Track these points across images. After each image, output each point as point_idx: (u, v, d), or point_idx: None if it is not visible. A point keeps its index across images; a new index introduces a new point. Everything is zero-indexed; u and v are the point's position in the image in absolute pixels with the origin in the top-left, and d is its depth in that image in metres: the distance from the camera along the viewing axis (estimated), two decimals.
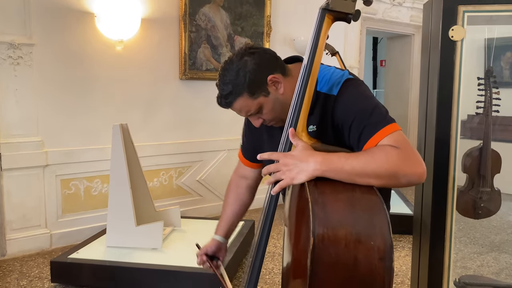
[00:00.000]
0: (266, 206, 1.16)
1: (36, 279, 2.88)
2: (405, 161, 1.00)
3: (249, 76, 1.15)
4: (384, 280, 0.92)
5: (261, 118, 1.23)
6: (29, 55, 3.23)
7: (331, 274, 0.92)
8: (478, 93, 2.10)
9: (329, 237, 0.92)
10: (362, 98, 1.13)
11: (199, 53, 4.06)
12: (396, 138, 1.04)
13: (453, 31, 1.92)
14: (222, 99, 1.20)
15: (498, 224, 4.12)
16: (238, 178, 1.59)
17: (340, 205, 0.98)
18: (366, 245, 0.92)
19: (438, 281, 2.09)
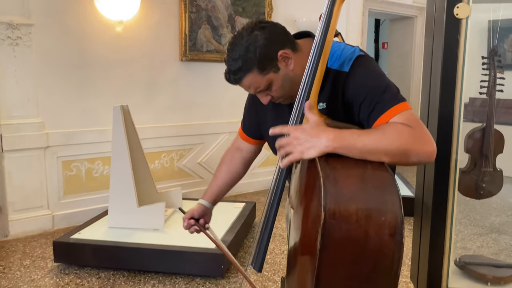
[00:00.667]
0: (275, 181, 1.15)
1: (39, 259, 2.91)
2: (416, 139, 1.00)
3: (260, 52, 1.12)
4: (394, 256, 0.92)
5: (270, 95, 1.21)
6: (28, 36, 3.20)
7: (341, 249, 0.92)
8: (482, 73, 2.07)
9: (340, 212, 0.91)
10: (374, 76, 1.12)
11: (199, 34, 4.02)
12: (407, 117, 1.03)
13: (458, 8, 1.89)
14: (231, 75, 1.17)
15: (499, 206, 4.13)
16: (234, 150, 1.58)
17: (352, 181, 0.97)
18: (377, 220, 0.92)
19: (438, 261, 2.10)
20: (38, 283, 2.58)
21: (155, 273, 2.68)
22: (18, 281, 2.60)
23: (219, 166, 1.59)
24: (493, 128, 2.10)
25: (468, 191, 2.19)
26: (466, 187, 2.19)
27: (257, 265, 1.20)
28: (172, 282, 2.59)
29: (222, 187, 1.56)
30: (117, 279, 2.62)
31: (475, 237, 3.42)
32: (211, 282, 2.59)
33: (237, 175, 1.58)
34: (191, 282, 2.59)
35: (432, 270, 2.11)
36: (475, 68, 2.28)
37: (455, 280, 2.14)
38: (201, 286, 2.54)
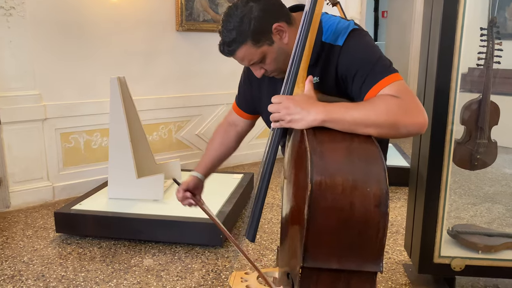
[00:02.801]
0: (267, 152, 1.17)
1: (41, 229, 2.96)
2: (405, 111, 1.00)
3: (254, 23, 1.12)
4: (379, 226, 0.95)
5: (263, 68, 1.22)
6: (22, 6, 3.14)
7: (327, 219, 0.95)
8: (480, 44, 2.06)
9: (326, 183, 0.94)
10: (367, 49, 1.12)
11: (195, 3, 3.95)
12: (398, 88, 1.03)
13: None
14: (225, 46, 1.17)
15: (493, 176, 4.18)
16: (227, 124, 1.59)
17: (338, 153, 0.99)
18: (362, 191, 0.95)
19: (431, 230, 2.15)
20: (41, 252, 2.64)
21: (155, 243, 2.74)
22: (22, 250, 2.67)
23: (212, 139, 1.60)
24: (489, 100, 2.11)
25: (463, 162, 2.22)
26: (461, 158, 2.22)
27: (250, 235, 1.24)
28: (172, 251, 2.65)
29: (215, 161, 1.58)
30: (118, 249, 2.68)
31: (469, 206, 3.48)
32: (210, 251, 2.66)
33: (230, 149, 1.60)
34: (191, 251, 2.65)
35: (425, 239, 2.16)
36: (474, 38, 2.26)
37: (447, 249, 2.20)
38: (200, 255, 2.61)
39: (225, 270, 2.44)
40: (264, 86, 1.37)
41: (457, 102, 2.00)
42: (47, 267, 2.47)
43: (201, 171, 1.55)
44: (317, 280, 1.03)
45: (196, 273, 2.41)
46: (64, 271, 2.43)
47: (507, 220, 3.22)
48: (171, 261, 2.54)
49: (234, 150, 1.62)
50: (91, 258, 2.56)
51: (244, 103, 1.51)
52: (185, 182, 1.51)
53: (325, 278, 1.03)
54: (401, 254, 2.64)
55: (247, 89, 1.46)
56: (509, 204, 3.47)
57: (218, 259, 2.57)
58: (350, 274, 1.02)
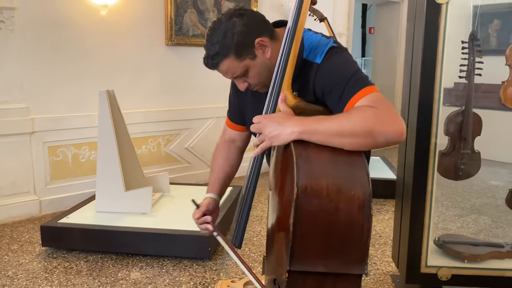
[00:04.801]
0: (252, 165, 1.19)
1: (27, 243, 2.92)
2: (381, 119, 1.01)
3: (237, 38, 1.15)
4: (363, 228, 0.98)
5: (247, 82, 1.24)
6: (11, 19, 3.15)
7: (313, 222, 0.97)
8: (462, 57, 2.12)
9: (312, 187, 0.96)
10: (343, 65, 1.14)
11: (185, 18, 4.00)
12: (373, 98, 1.05)
13: None
14: (209, 59, 1.19)
15: (480, 189, 4.24)
16: (225, 142, 1.57)
17: (323, 158, 1.02)
18: (346, 194, 0.97)
19: (418, 240, 2.17)
20: (26, 267, 2.60)
21: (143, 256, 2.72)
22: (6, 265, 2.62)
23: (214, 160, 1.57)
24: (471, 111, 2.15)
25: (447, 172, 2.26)
26: (446, 168, 2.26)
27: (237, 241, 1.24)
28: (160, 265, 2.63)
29: (225, 179, 1.54)
30: (105, 262, 2.65)
31: (456, 218, 3.52)
32: (198, 264, 2.64)
33: (234, 165, 1.57)
34: (179, 264, 2.63)
35: (412, 249, 2.18)
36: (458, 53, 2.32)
37: (434, 259, 2.21)
38: (188, 268, 2.59)
39: (213, 283, 2.42)
40: (248, 98, 1.39)
41: (440, 115, 2.05)
42: (32, 281, 2.43)
43: (215, 192, 1.51)
44: (303, 284, 1.04)
45: (184, 286, 2.40)
46: (49, 285, 2.39)
47: (493, 231, 3.26)
48: (158, 274, 2.52)
49: (239, 165, 1.59)
50: (78, 272, 2.53)
51: (235, 116, 1.52)
52: (204, 204, 1.46)
53: (311, 282, 1.04)
54: (389, 265, 2.65)
55: (235, 101, 1.48)
56: (495, 215, 3.51)
57: (206, 271, 2.55)
58: (336, 277, 1.03)
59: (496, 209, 3.64)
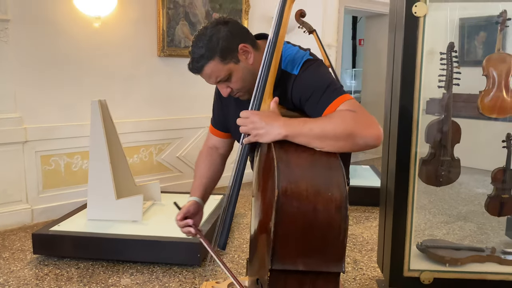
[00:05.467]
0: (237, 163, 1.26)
1: (19, 251, 2.95)
2: (361, 122, 1.08)
3: (222, 42, 1.22)
4: (341, 228, 1.04)
5: (229, 87, 1.29)
6: (5, 31, 3.22)
7: (293, 222, 1.03)
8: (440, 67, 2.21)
9: (292, 189, 1.03)
10: (318, 76, 1.22)
11: (177, 30, 4.08)
12: (351, 104, 1.12)
13: (416, 7, 2.02)
14: (194, 62, 1.25)
15: (466, 196, 4.32)
16: (209, 148, 1.63)
17: (302, 162, 1.08)
18: (324, 196, 1.03)
19: (401, 245, 2.24)
20: (17, 274, 2.63)
21: (133, 263, 2.76)
22: None
23: (197, 166, 1.61)
24: (450, 120, 2.24)
25: (429, 179, 2.33)
26: (427, 175, 2.33)
27: (220, 243, 1.29)
28: (150, 271, 2.67)
29: (208, 184, 1.58)
30: (96, 269, 2.69)
31: (442, 225, 3.59)
32: (188, 270, 2.68)
33: (217, 171, 1.62)
34: (169, 271, 2.67)
35: (395, 253, 2.25)
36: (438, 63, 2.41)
37: (417, 263, 2.28)
38: (178, 274, 2.63)
39: None
40: (231, 106, 1.46)
41: (420, 124, 2.13)
42: None
43: (198, 195, 1.54)
44: (284, 282, 1.09)
45: None
46: None
47: (478, 237, 3.33)
48: (148, 280, 2.56)
49: (222, 172, 1.64)
50: (68, 279, 2.56)
51: (219, 123, 1.57)
52: (186, 207, 1.50)
53: (292, 280, 1.09)
54: (375, 271, 2.70)
55: (219, 109, 1.54)
56: (480, 222, 3.59)
57: (195, 278, 2.59)
58: (315, 275, 1.09)
59: (482, 216, 3.70)
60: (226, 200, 1.29)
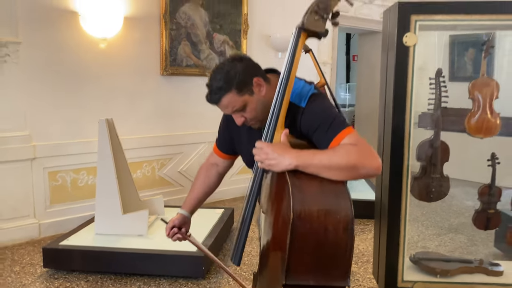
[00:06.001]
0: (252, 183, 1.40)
1: (29, 265, 3.06)
2: (363, 155, 1.23)
3: (238, 76, 1.38)
4: (347, 246, 1.18)
5: (244, 116, 1.44)
6: (16, 53, 3.37)
7: (306, 242, 1.17)
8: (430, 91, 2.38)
9: (305, 212, 1.17)
10: (324, 110, 1.38)
11: (179, 49, 4.25)
12: (354, 138, 1.28)
13: (407, 37, 2.19)
14: (213, 94, 1.41)
15: (458, 209, 4.48)
16: (209, 164, 1.81)
17: (313, 188, 1.23)
18: (333, 218, 1.18)
19: (394, 257, 2.38)
20: (29, 287, 2.74)
21: (140, 276, 2.88)
22: (10, 286, 2.76)
23: (196, 179, 1.80)
24: (439, 140, 2.40)
25: (421, 195, 2.49)
26: (419, 191, 2.49)
27: (236, 259, 1.43)
28: (156, 284, 2.79)
29: (200, 198, 1.78)
30: (105, 282, 2.80)
31: (434, 237, 3.74)
32: (193, 282, 2.81)
33: (212, 187, 1.80)
34: (174, 283, 2.80)
35: (389, 265, 2.39)
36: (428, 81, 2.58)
37: (410, 274, 2.42)
38: (183, 286, 2.76)
39: None
40: (243, 132, 1.61)
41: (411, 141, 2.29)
42: None
43: (187, 209, 1.74)
44: None
45: None
46: None
47: (468, 248, 3.49)
48: None
49: (216, 187, 1.82)
50: None
51: (224, 146, 1.74)
52: (171, 220, 1.70)
53: None
54: (371, 282, 2.84)
55: (227, 134, 1.70)
56: (470, 234, 3.75)
57: None
58: None
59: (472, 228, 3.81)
60: (241, 220, 1.43)
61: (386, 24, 2.43)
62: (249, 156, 1.38)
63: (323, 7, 1.32)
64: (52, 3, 3.52)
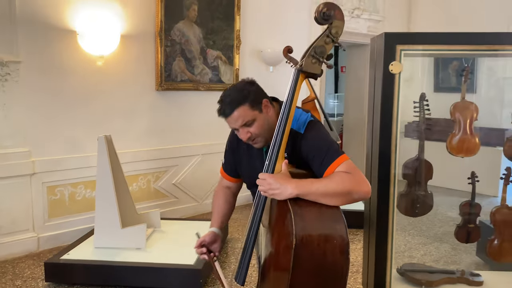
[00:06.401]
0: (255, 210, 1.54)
1: (30, 279, 3.15)
2: (355, 182, 1.40)
3: (251, 94, 1.57)
4: (343, 267, 1.35)
5: (250, 132, 1.58)
6: (16, 72, 3.46)
7: (307, 265, 1.33)
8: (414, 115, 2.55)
9: (306, 238, 1.33)
10: (321, 138, 1.55)
11: (174, 65, 4.37)
12: (348, 166, 1.45)
13: (392, 65, 2.35)
14: (226, 105, 1.56)
15: (443, 218, 4.67)
16: (223, 187, 1.95)
17: (313, 215, 1.38)
18: (331, 243, 1.34)
19: (383, 269, 2.53)
20: None
21: None
22: None
23: (216, 201, 1.93)
24: (423, 160, 2.57)
25: (407, 210, 2.65)
26: (405, 207, 2.65)
27: (240, 279, 1.57)
28: None
29: (225, 217, 1.90)
30: None
31: (420, 246, 3.92)
32: None
33: (232, 205, 1.95)
34: None
35: (378, 277, 2.54)
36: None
37: (397, 285, 2.58)
38: None
39: None
40: (243, 156, 1.77)
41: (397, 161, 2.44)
42: None
43: (216, 226, 1.84)
44: None
45: None
46: None
47: (452, 257, 3.66)
48: None
49: (234, 205, 1.98)
50: None
51: (229, 170, 1.89)
52: (203, 237, 1.79)
53: None
54: None
55: (230, 158, 1.85)
56: (454, 243, 3.92)
57: None
58: None
59: None
60: (246, 241, 1.56)
61: (374, 50, 2.60)
62: (248, 178, 1.58)
63: (320, 51, 1.49)
64: (51, 22, 3.63)
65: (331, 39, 1.50)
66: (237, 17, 4.77)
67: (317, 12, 1.46)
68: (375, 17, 6.46)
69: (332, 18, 1.48)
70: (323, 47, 1.49)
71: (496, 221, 2.62)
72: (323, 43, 1.49)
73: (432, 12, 6.81)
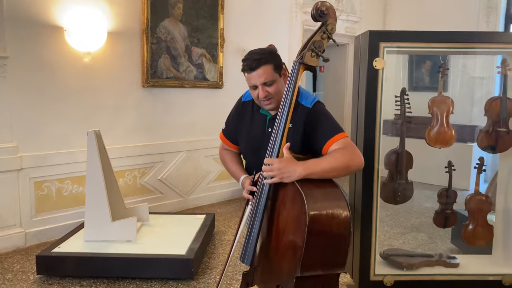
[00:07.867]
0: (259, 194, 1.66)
1: (21, 272, 3.17)
2: (352, 156, 1.62)
3: (277, 57, 1.77)
4: (347, 240, 1.51)
5: (267, 91, 1.73)
6: (3, 67, 3.46)
7: (318, 238, 1.48)
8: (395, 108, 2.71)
9: (317, 215, 1.48)
10: (325, 114, 1.76)
11: (159, 62, 4.44)
12: (345, 142, 1.65)
13: (376, 62, 2.51)
14: (255, 58, 1.71)
15: (418, 210, 4.90)
16: (225, 149, 2.09)
17: (320, 195, 1.54)
18: (337, 219, 1.50)
19: (367, 254, 2.69)
20: None
21: (132, 279, 3.05)
22: None
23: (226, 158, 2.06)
24: (404, 151, 2.74)
25: (388, 198, 2.81)
26: (387, 195, 2.81)
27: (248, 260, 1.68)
28: (148, 286, 2.98)
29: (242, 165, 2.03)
30: (98, 286, 2.96)
31: (399, 235, 4.11)
32: (183, 283, 3.01)
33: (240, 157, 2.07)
34: (165, 285, 2.99)
35: (362, 261, 2.69)
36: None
37: (380, 269, 2.73)
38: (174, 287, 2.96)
39: None
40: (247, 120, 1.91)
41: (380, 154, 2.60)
42: None
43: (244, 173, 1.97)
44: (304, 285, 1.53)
45: None
46: None
47: (429, 245, 3.87)
48: None
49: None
50: None
51: (230, 136, 2.03)
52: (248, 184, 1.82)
53: (309, 282, 1.54)
54: (345, 277, 3.15)
55: (236, 119, 1.97)
56: (430, 232, 4.15)
57: None
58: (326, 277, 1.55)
59: (431, 227, 4.25)
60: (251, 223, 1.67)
61: (358, 47, 2.75)
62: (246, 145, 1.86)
63: (318, 46, 1.63)
64: (38, 18, 3.64)
65: (327, 35, 1.65)
66: (221, 16, 4.86)
67: (315, 9, 1.61)
68: (352, 18, 6.68)
69: (328, 15, 1.63)
70: (320, 42, 1.64)
71: (470, 208, 2.81)
72: (320, 38, 1.64)
73: (406, 14, 7.09)
